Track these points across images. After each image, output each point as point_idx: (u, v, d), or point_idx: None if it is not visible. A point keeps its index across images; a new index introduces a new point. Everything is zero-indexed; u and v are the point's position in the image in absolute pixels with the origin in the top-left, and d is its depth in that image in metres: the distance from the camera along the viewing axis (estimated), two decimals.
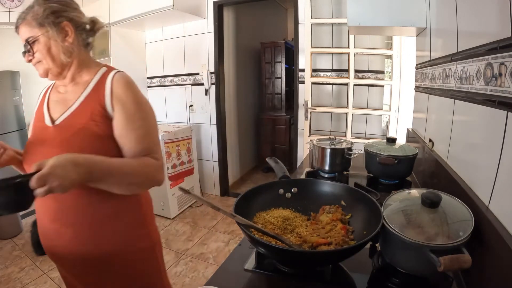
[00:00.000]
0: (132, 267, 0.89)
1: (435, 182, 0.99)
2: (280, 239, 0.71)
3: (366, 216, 0.76)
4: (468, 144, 0.78)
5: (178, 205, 2.93)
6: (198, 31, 3.08)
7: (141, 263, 0.91)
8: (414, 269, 0.64)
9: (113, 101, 0.80)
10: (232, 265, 0.75)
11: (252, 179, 4.03)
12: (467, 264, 0.53)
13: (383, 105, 2.57)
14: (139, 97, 0.84)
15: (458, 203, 0.67)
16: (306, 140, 2.71)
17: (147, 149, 0.82)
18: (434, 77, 1.14)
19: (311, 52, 2.62)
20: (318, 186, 0.91)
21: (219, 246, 2.38)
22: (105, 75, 0.84)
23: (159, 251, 0.99)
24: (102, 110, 0.80)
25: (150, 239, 0.94)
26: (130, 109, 0.80)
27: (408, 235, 0.60)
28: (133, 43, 3.26)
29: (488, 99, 0.64)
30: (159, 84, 3.44)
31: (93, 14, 0.95)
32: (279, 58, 3.91)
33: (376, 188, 1.14)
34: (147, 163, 0.80)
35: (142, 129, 0.82)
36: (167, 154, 2.71)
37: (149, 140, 0.83)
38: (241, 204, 0.77)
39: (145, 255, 0.92)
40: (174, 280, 1.97)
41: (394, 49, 2.36)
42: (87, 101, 0.82)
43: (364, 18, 1.44)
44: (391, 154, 1.17)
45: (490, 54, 0.63)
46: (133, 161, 0.79)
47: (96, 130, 0.78)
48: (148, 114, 0.85)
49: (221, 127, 3.24)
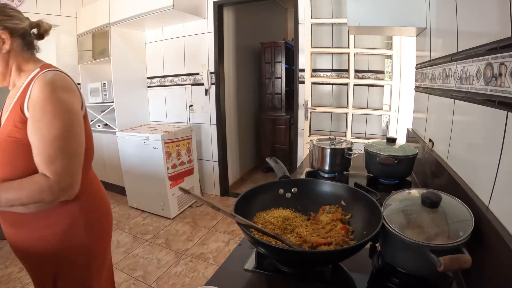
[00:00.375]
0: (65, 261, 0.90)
1: (435, 182, 0.99)
2: (280, 239, 0.70)
3: (366, 216, 0.76)
4: (468, 144, 0.78)
5: (178, 205, 2.93)
6: (198, 31, 3.08)
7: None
8: (414, 269, 0.64)
9: (28, 105, 0.76)
10: (232, 265, 0.75)
11: (252, 179, 4.03)
12: (467, 264, 0.53)
13: (383, 105, 2.57)
14: (52, 100, 0.76)
15: (458, 203, 0.67)
16: (306, 140, 2.71)
17: (46, 161, 0.76)
18: (434, 77, 1.14)
19: (311, 52, 2.62)
20: (318, 186, 0.91)
21: (219, 246, 2.38)
22: (34, 77, 0.81)
23: (96, 266, 0.97)
24: (22, 114, 0.77)
25: (85, 255, 0.92)
26: (37, 114, 0.75)
27: (408, 235, 0.60)
28: (133, 43, 3.26)
29: (488, 99, 0.63)
30: (159, 84, 3.44)
31: (93, 14, 0.95)
32: (279, 58, 3.91)
33: (376, 188, 1.14)
34: (32, 184, 0.76)
35: (45, 137, 0.75)
36: (167, 154, 2.72)
37: (50, 151, 0.76)
38: (241, 204, 0.77)
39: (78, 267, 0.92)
40: (174, 280, 1.97)
41: (394, 49, 2.36)
42: (14, 106, 0.79)
43: (364, 18, 1.44)
44: (391, 154, 1.17)
45: (490, 54, 0.63)
46: (21, 182, 0.76)
47: (18, 137, 0.77)
48: (59, 120, 0.77)
49: (221, 127, 3.24)
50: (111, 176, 3.43)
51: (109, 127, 3.29)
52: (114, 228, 2.71)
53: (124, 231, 2.65)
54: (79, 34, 3.26)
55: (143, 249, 2.36)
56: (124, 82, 3.20)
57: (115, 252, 2.31)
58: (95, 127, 3.40)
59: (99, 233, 0.97)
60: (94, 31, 3.10)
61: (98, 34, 3.09)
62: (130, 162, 2.93)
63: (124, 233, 2.62)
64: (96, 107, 3.40)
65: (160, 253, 2.29)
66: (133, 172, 2.94)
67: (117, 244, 2.43)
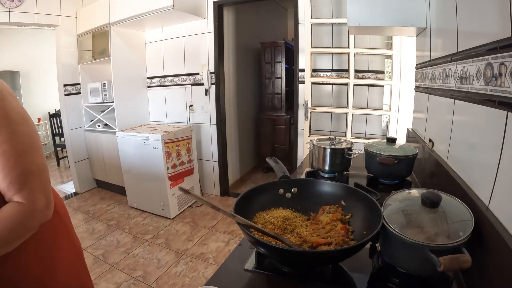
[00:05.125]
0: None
1: (435, 182, 0.99)
2: (280, 239, 0.70)
3: (366, 216, 0.76)
4: (468, 144, 0.78)
5: (178, 205, 2.93)
6: (198, 31, 3.08)
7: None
8: (414, 269, 0.64)
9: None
10: (232, 265, 0.75)
11: (252, 179, 4.03)
12: (467, 264, 0.53)
13: (383, 105, 2.57)
14: (5, 111, 0.64)
15: (458, 203, 0.67)
16: (306, 140, 2.71)
17: (15, 184, 0.64)
18: (434, 77, 1.14)
19: (311, 52, 2.62)
20: (318, 186, 0.91)
21: (219, 246, 2.38)
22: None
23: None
24: None
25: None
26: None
27: (408, 235, 0.60)
28: (133, 43, 3.26)
29: (488, 99, 0.63)
30: (159, 84, 3.44)
31: (93, 14, 0.94)
32: (279, 58, 3.92)
33: (376, 188, 1.14)
34: (5, 221, 0.62)
35: (8, 156, 0.63)
36: (167, 154, 2.72)
37: (18, 171, 0.64)
38: (241, 204, 0.77)
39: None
40: (174, 280, 1.97)
41: (394, 49, 2.36)
42: None
43: (364, 18, 1.44)
44: (391, 154, 1.17)
45: (490, 54, 0.63)
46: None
47: None
48: (19, 133, 0.66)
49: (221, 127, 3.24)
50: (111, 176, 3.44)
51: (109, 127, 3.29)
52: (114, 228, 2.71)
53: (124, 231, 2.65)
54: (79, 34, 3.27)
55: (143, 249, 2.36)
56: (124, 82, 3.20)
57: (115, 252, 2.31)
58: (95, 127, 3.41)
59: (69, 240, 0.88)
60: (94, 31, 3.10)
61: (98, 34, 3.09)
62: (130, 162, 2.93)
63: (124, 233, 2.62)
64: (96, 107, 3.40)
65: (160, 253, 2.29)
66: (133, 172, 2.94)
67: (117, 244, 2.43)
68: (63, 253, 0.82)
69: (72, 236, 0.90)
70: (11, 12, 2.73)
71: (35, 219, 0.67)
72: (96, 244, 2.45)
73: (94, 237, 2.55)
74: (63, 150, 5.04)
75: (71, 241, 0.88)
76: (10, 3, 2.70)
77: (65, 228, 0.87)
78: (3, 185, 0.64)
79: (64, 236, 0.85)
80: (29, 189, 0.66)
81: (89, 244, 2.44)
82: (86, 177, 3.64)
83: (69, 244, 0.87)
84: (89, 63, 3.28)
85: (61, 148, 4.71)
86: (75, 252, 0.89)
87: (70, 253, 0.86)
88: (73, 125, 3.43)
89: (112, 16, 2.88)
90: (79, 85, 3.40)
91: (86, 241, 2.48)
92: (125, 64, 3.19)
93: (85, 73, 3.39)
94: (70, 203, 3.29)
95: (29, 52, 5.12)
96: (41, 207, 0.68)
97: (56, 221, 0.82)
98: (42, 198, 0.68)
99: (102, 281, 1.98)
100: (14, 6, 2.73)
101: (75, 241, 0.91)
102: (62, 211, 0.88)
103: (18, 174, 0.65)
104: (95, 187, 3.75)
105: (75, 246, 0.90)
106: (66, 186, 3.90)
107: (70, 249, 0.86)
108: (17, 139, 0.65)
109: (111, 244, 2.44)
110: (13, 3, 2.72)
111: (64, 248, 0.83)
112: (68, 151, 3.51)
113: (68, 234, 0.87)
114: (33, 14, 2.87)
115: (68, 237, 0.87)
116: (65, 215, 0.90)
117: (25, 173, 0.66)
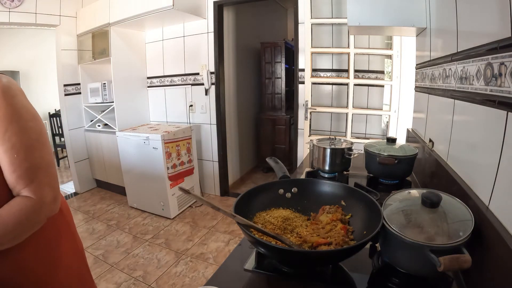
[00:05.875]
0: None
1: (435, 182, 0.99)
2: (280, 239, 0.70)
3: (366, 216, 0.76)
4: (468, 144, 0.78)
5: (178, 205, 2.93)
6: (198, 31, 3.08)
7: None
8: (414, 269, 0.64)
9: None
10: (232, 265, 0.75)
11: (252, 179, 4.03)
12: (467, 264, 0.53)
13: (383, 105, 2.57)
14: (15, 108, 0.66)
15: (458, 203, 0.67)
16: (306, 140, 2.71)
17: (24, 178, 0.66)
18: (434, 77, 1.14)
19: (311, 52, 2.62)
20: (318, 186, 0.91)
21: (219, 246, 2.38)
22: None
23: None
24: None
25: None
26: (2, 124, 0.64)
27: (408, 235, 0.60)
28: (133, 43, 3.26)
29: (488, 99, 0.63)
30: (159, 84, 3.44)
31: (93, 14, 0.94)
32: (279, 58, 3.92)
33: (376, 188, 1.14)
34: (14, 214, 0.63)
35: (16, 150, 0.65)
36: (167, 154, 2.72)
37: (27, 166, 0.66)
38: (241, 204, 0.77)
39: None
40: (174, 280, 1.97)
41: (394, 49, 2.36)
42: None
43: (364, 18, 1.44)
44: (391, 154, 1.17)
45: (490, 54, 0.63)
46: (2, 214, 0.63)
47: None
48: (28, 128, 0.67)
49: (221, 127, 3.24)
50: (111, 176, 3.44)
51: (109, 127, 3.29)
52: (114, 228, 2.71)
53: (124, 231, 2.65)
54: (79, 34, 3.27)
55: (143, 249, 2.36)
56: (124, 82, 3.20)
57: (115, 252, 2.31)
58: (95, 127, 3.41)
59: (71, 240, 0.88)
60: (94, 31, 3.10)
61: (98, 34, 3.09)
62: (130, 162, 2.93)
63: (124, 233, 2.62)
64: (96, 107, 3.40)
65: (160, 253, 2.29)
66: (133, 172, 2.94)
67: (117, 244, 2.43)
68: (65, 252, 0.83)
69: (74, 235, 0.90)
70: (11, 12, 2.73)
71: (43, 213, 0.68)
72: (96, 244, 2.45)
73: (94, 237, 2.55)
74: (63, 150, 5.04)
75: (74, 241, 0.89)
76: (10, 3, 2.70)
77: (68, 227, 0.87)
78: (11, 179, 0.66)
79: (67, 235, 0.86)
80: (37, 184, 0.67)
81: (89, 244, 2.44)
82: (86, 177, 3.64)
83: (72, 244, 0.87)
84: (89, 63, 3.29)
85: (61, 148, 4.70)
86: (77, 252, 0.89)
87: (72, 253, 0.86)
88: (73, 125, 3.43)
89: (112, 16, 2.88)
90: (79, 85, 3.40)
91: (86, 241, 2.48)
92: (125, 64, 3.19)
93: (85, 73, 3.39)
94: (70, 203, 3.29)
95: (29, 52, 5.12)
96: (49, 201, 0.69)
97: (59, 219, 0.82)
98: (50, 192, 0.69)
99: (102, 281, 1.98)
100: (14, 6, 2.73)
101: (77, 241, 0.91)
102: (66, 210, 0.89)
103: (27, 168, 0.66)
104: (95, 187, 3.75)
105: (77, 245, 0.90)
106: (66, 186, 3.90)
107: (72, 248, 0.87)
108: (26, 134, 0.67)
109: (111, 244, 2.44)
110: (13, 3, 2.72)
111: (66, 248, 0.84)
112: (68, 151, 3.51)
113: (71, 233, 0.88)
114: (33, 14, 2.87)
115: (71, 237, 0.88)
116: (68, 214, 0.90)
117: (33, 167, 0.67)
